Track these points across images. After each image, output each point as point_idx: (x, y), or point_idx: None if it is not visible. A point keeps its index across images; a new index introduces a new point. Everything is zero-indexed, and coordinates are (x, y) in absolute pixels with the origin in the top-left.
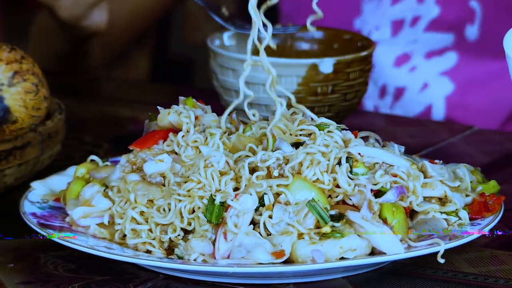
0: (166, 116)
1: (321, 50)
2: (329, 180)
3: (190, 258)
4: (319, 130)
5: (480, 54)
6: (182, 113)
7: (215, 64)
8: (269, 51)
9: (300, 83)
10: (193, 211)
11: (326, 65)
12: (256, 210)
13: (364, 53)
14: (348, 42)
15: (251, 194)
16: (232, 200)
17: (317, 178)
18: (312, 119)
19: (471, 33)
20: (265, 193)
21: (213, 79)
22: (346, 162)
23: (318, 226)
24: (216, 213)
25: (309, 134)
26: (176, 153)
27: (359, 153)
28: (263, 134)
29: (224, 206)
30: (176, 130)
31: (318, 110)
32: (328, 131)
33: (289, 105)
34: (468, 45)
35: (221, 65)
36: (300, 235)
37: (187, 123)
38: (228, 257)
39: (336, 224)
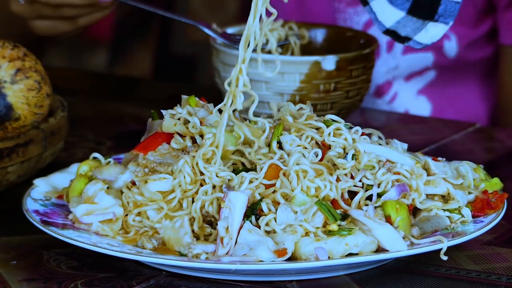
0: (172, 127)
1: (324, 48)
2: (325, 185)
3: (192, 252)
4: (326, 126)
5: (458, 69)
6: (190, 123)
7: (218, 62)
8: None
9: (303, 80)
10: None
11: (329, 62)
12: (257, 218)
13: (366, 51)
14: (351, 39)
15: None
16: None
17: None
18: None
19: (451, 49)
20: (262, 201)
21: (216, 76)
22: (352, 159)
23: (325, 226)
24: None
25: (317, 129)
26: (182, 151)
27: (364, 151)
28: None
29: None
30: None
31: (321, 108)
32: (337, 128)
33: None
34: (447, 62)
35: (224, 62)
36: (306, 233)
37: (194, 130)
38: (231, 255)
39: (342, 223)
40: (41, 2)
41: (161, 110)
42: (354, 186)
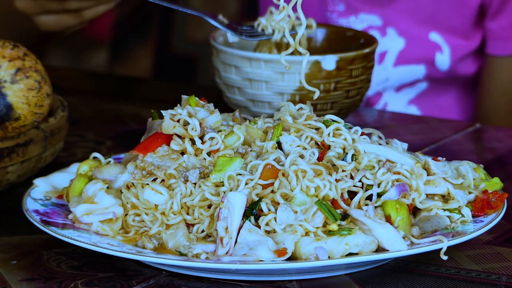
0: (172, 129)
1: (324, 47)
2: (325, 185)
3: (192, 252)
4: (326, 126)
5: (451, 81)
6: (190, 125)
7: (218, 61)
8: (272, 49)
9: None
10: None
11: (329, 62)
12: (257, 218)
13: (366, 50)
14: (351, 39)
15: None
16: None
17: (318, 186)
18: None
19: (443, 62)
20: (261, 201)
21: (216, 76)
22: (351, 159)
23: (325, 225)
24: None
25: (316, 129)
26: (182, 153)
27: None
28: (268, 127)
29: None
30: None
31: (321, 107)
32: (336, 129)
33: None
34: (440, 74)
35: (224, 62)
36: (306, 233)
37: (194, 133)
38: (231, 254)
39: (342, 223)
40: None
41: (161, 111)
42: (354, 186)
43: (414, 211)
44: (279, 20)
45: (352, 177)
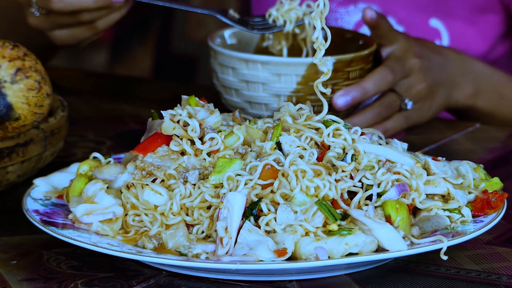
0: (172, 130)
1: None
2: (325, 184)
3: (192, 252)
4: (326, 126)
5: None
6: (190, 126)
7: (216, 63)
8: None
9: (300, 82)
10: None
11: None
12: (256, 218)
13: (364, 52)
14: (349, 40)
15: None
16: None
17: (317, 185)
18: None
19: None
20: (261, 202)
21: (214, 77)
22: (351, 159)
23: (325, 225)
24: None
25: (316, 129)
26: (182, 154)
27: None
28: (268, 127)
29: None
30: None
31: (318, 109)
32: (336, 129)
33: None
34: None
35: (221, 64)
36: (306, 233)
37: (194, 134)
38: (231, 254)
39: (342, 223)
40: (56, 11)
41: (161, 111)
42: (354, 186)
43: (414, 211)
44: (288, 9)
45: (352, 177)
